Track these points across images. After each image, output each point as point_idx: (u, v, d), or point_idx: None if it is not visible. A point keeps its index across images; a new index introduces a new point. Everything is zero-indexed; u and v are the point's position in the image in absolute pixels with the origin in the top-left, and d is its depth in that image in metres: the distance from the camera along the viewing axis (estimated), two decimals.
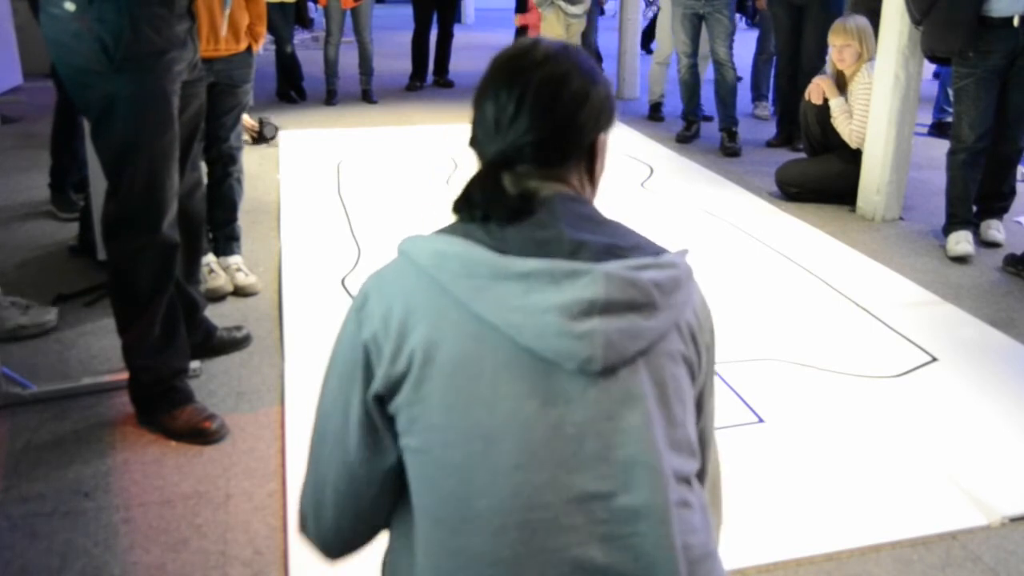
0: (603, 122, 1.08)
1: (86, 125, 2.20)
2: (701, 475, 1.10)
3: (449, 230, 1.02)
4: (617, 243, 1.00)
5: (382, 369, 0.98)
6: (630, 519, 0.91)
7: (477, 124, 1.06)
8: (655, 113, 6.20)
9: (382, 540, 1.11)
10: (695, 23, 5.26)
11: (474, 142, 1.08)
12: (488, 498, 0.92)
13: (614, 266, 0.95)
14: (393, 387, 0.98)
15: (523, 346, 0.92)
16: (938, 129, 5.61)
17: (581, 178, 1.08)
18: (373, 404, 1.00)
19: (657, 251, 1.02)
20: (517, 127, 1.02)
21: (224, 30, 2.87)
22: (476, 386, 0.93)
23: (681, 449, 0.98)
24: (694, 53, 5.38)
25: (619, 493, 0.91)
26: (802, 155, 4.74)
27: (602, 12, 9.28)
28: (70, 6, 1.94)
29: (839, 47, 4.17)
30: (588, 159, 1.08)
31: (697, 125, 5.66)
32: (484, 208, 1.01)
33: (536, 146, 1.03)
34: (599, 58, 6.72)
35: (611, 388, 0.93)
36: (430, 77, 7.42)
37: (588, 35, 6.34)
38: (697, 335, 1.02)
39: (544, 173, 1.04)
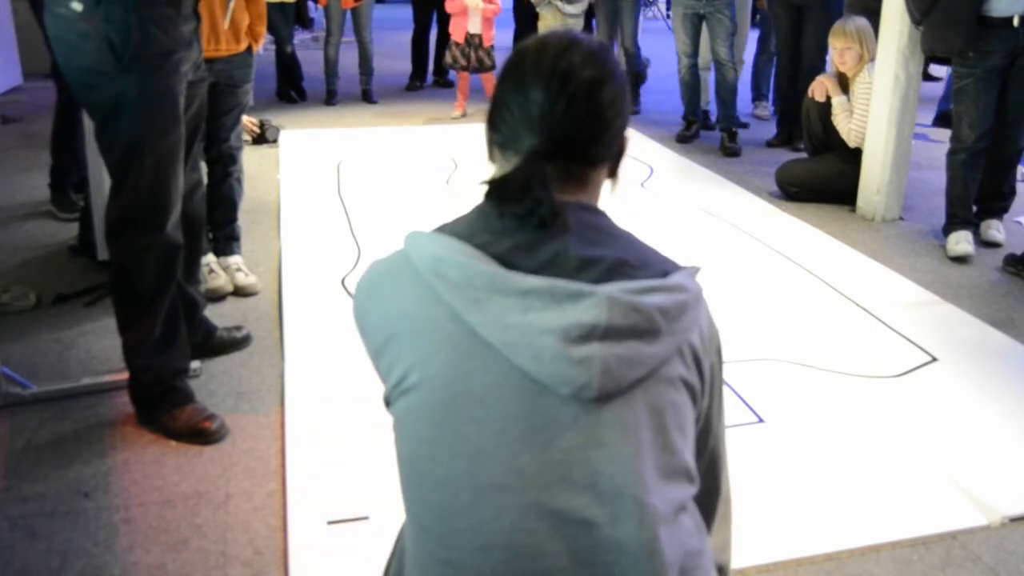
0: (626, 124, 1.06)
1: (87, 125, 2.20)
2: (709, 495, 1.08)
3: (452, 229, 0.98)
4: (627, 259, 0.96)
5: (381, 376, 0.99)
6: (612, 550, 0.89)
7: (510, 110, 1.00)
8: None
9: (386, 544, 1.11)
10: (695, 23, 5.26)
11: (497, 130, 1.03)
12: (471, 516, 0.90)
13: (618, 289, 0.92)
14: (387, 395, 0.99)
15: (516, 366, 0.90)
16: (945, 120, 5.51)
17: (601, 182, 1.06)
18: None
19: (666, 269, 0.98)
20: (565, 121, 0.98)
21: (227, 24, 2.87)
22: (464, 403, 0.91)
23: (676, 476, 0.95)
24: (694, 53, 5.38)
25: (604, 524, 0.89)
26: (802, 155, 4.74)
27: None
28: (77, 6, 1.93)
29: (840, 50, 4.16)
30: (615, 160, 1.07)
31: (697, 125, 5.66)
32: (527, 205, 0.95)
33: (586, 142, 1.00)
34: (638, 60, 6.43)
35: (604, 416, 0.90)
36: (430, 77, 7.42)
37: (627, 35, 6.23)
38: (701, 357, 0.99)
39: (568, 176, 1.01)
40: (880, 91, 4.01)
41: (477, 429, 0.90)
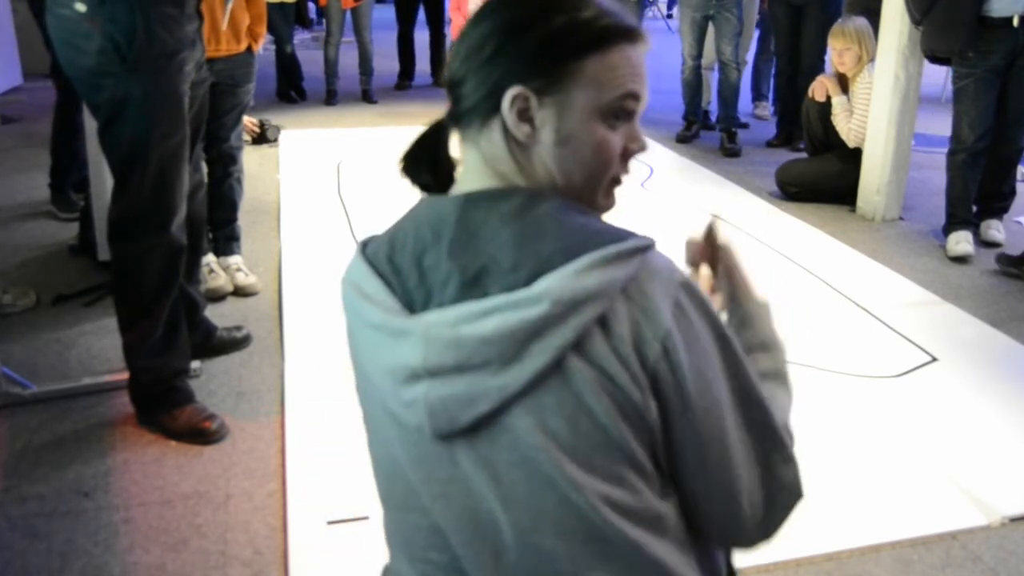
0: (527, 72, 0.84)
1: (87, 125, 2.19)
2: (726, 499, 0.92)
3: (391, 230, 0.94)
4: (493, 265, 0.81)
5: None
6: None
7: None
8: None
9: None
10: (703, 26, 5.29)
11: None
12: (398, 533, 0.93)
13: (445, 319, 0.80)
14: None
15: (383, 399, 0.87)
16: None
17: (506, 152, 0.87)
18: None
19: (539, 271, 0.79)
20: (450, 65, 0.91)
21: (225, 24, 2.87)
22: (374, 425, 0.93)
23: (579, 506, 0.80)
24: (698, 55, 5.39)
25: (487, 559, 0.83)
26: (802, 155, 4.75)
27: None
28: (80, 7, 1.92)
29: (839, 51, 4.16)
30: (500, 118, 0.86)
31: (697, 125, 5.67)
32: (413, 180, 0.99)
33: (448, 85, 0.91)
34: None
35: (461, 454, 0.82)
36: (419, 77, 7.41)
37: None
38: (611, 369, 0.78)
39: (465, 137, 0.91)
40: (880, 91, 4.01)
41: (387, 449, 0.91)
